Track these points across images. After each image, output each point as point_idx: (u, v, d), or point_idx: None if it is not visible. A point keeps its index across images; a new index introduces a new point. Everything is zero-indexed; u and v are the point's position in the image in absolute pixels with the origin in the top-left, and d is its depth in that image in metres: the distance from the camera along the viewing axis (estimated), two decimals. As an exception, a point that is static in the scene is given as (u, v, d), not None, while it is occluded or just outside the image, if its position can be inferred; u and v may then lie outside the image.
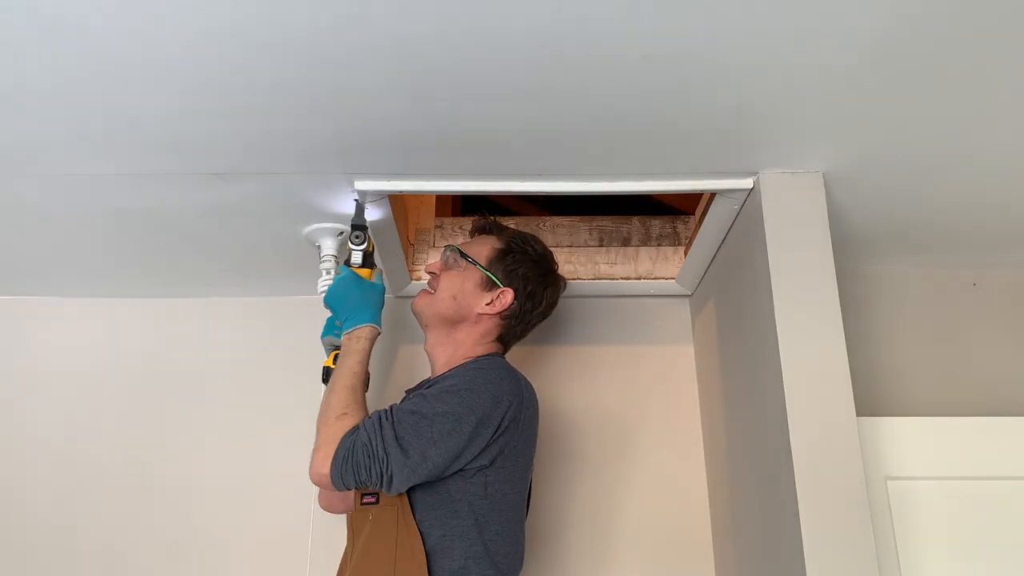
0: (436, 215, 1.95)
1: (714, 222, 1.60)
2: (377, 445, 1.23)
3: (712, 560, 1.72)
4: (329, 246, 1.64)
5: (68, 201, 1.52)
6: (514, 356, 1.54)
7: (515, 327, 1.47)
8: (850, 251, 1.75)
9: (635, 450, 1.82)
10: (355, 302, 1.43)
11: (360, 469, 1.23)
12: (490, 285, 1.44)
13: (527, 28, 1.06)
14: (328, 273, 1.62)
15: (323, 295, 1.60)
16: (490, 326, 1.44)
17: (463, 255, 1.47)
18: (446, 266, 1.48)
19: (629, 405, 1.85)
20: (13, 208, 1.54)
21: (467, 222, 1.94)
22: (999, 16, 1.05)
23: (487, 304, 1.43)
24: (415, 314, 1.49)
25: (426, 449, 1.23)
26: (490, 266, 1.45)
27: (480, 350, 1.43)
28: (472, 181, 1.48)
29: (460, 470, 1.27)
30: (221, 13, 1.02)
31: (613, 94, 1.21)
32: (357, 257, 1.49)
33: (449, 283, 1.46)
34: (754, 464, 1.47)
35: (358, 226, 1.49)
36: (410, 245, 1.87)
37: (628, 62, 1.13)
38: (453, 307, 1.43)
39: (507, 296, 1.43)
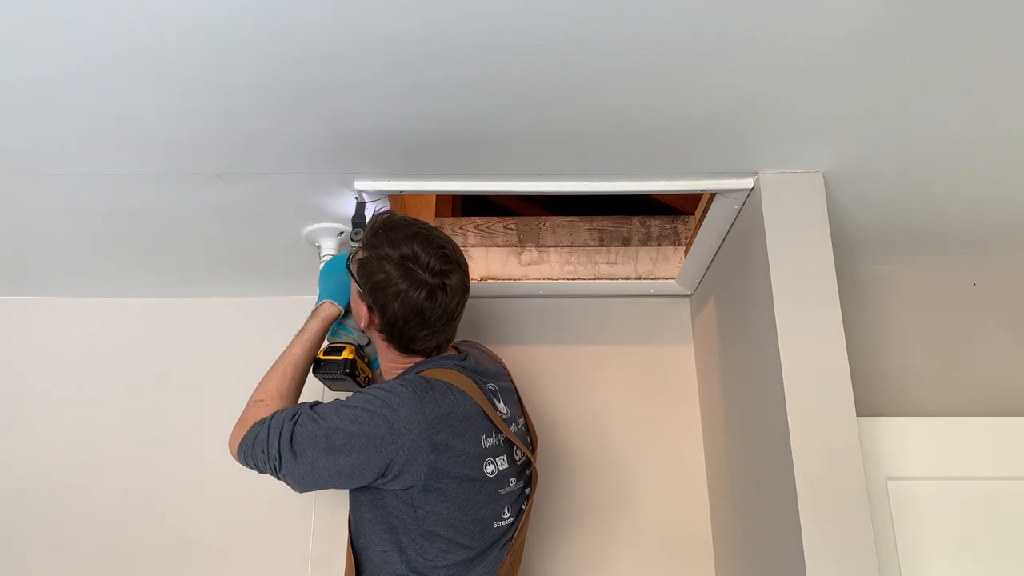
0: (436, 215, 1.95)
1: (714, 222, 1.60)
2: (272, 444, 1.24)
3: (712, 560, 1.72)
4: (329, 246, 1.64)
5: (68, 201, 1.52)
6: (514, 357, 1.53)
7: (401, 339, 1.33)
8: (850, 251, 1.75)
9: (635, 450, 1.82)
10: (325, 281, 1.44)
11: (258, 461, 1.26)
12: (364, 298, 1.34)
13: (526, 27, 1.06)
14: (328, 273, 1.62)
15: None
16: (379, 341, 1.36)
17: (349, 268, 1.37)
18: None
19: (629, 405, 1.85)
20: (13, 208, 1.54)
21: (467, 222, 1.94)
22: (999, 17, 1.05)
23: (365, 317, 1.34)
24: None
25: (317, 459, 1.22)
26: (359, 279, 1.34)
27: (399, 365, 1.37)
28: (472, 181, 1.48)
29: (386, 488, 1.26)
30: (220, 13, 1.02)
31: (613, 94, 1.21)
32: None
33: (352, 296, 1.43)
34: (754, 464, 1.47)
35: (359, 224, 1.48)
36: (410, 245, 1.87)
37: (628, 62, 1.13)
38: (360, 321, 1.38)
39: (372, 311, 1.33)
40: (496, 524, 1.34)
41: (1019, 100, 1.24)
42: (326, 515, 1.78)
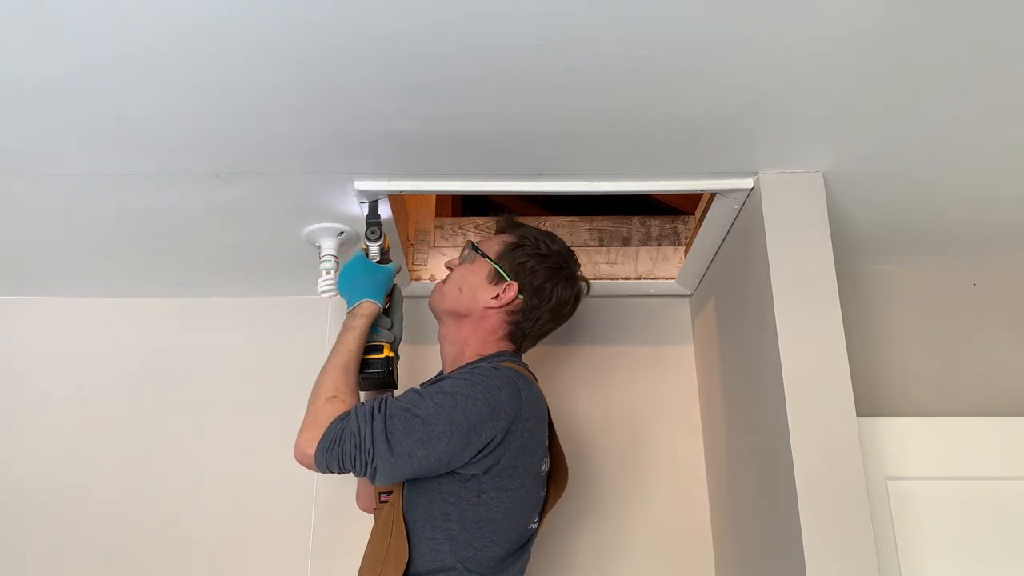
0: (436, 215, 1.95)
1: (714, 222, 1.60)
2: (365, 436, 1.21)
3: (712, 560, 1.72)
4: (329, 246, 1.64)
5: (68, 201, 1.52)
6: (514, 356, 1.52)
7: (523, 324, 1.43)
8: (850, 251, 1.75)
9: (635, 450, 1.82)
10: (357, 281, 1.43)
11: (345, 457, 1.21)
12: (497, 279, 1.41)
13: (526, 27, 1.06)
14: (328, 273, 1.61)
15: (324, 295, 1.60)
16: (496, 322, 1.41)
17: (475, 248, 1.46)
18: (460, 261, 1.48)
19: (629, 405, 1.85)
20: (13, 208, 1.54)
21: (467, 222, 1.94)
22: (999, 17, 1.05)
23: (493, 298, 1.40)
24: (430, 309, 1.49)
25: (413, 449, 1.21)
26: (499, 259, 1.43)
27: (488, 348, 1.41)
28: (472, 181, 1.48)
29: (453, 473, 1.26)
30: (220, 13, 1.02)
31: (613, 94, 1.21)
32: (375, 252, 1.49)
33: (458, 276, 1.45)
34: (754, 464, 1.47)
35: (373, 223, 1.48)
36: (410, 245, 1.87)
37: (628, 62, 1.13)
38: (459, 299, 1.42)
39: (512, 289, 1.40)
40: (530, 526, 1.36)
41: (1019, 100, 1.24)
42: (326, 514, 1.77)
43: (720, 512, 1.69)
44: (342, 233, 1.63)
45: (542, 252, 1.44)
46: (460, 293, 1.42)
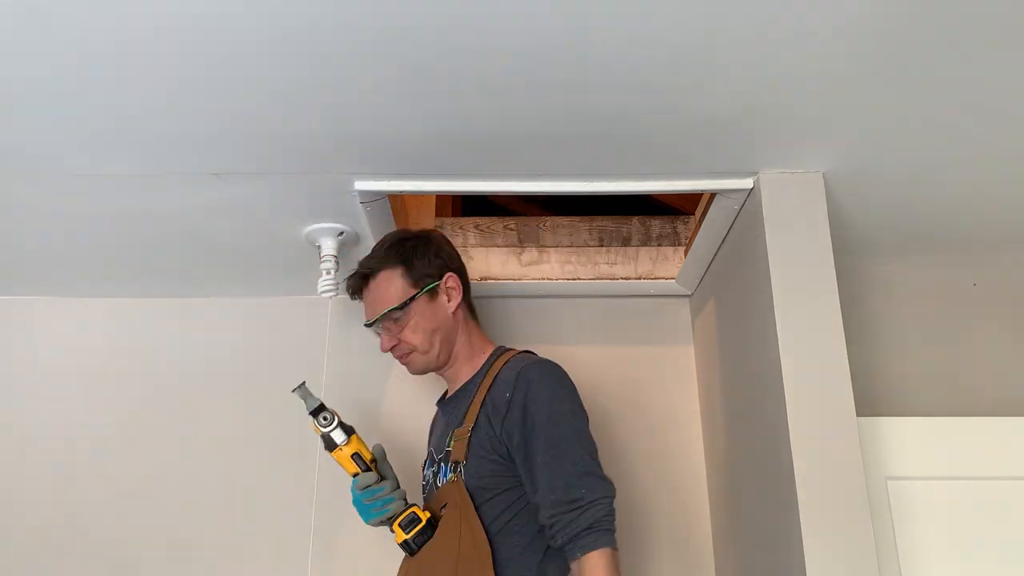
0: (436, 215, 1.95)
1: (714, 222, 1.60)
2: (602, 501, 1.29)
3: (712, 560, 1.72)
4: (329, 246, 1.64)
5: (68, 201, 1.52)
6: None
7: (467, 296, 1.53)
8: (850, 251, 1.74)
9: (635, 450, 1.82)
10: (371, 506, 1.40)
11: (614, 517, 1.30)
12: (433, 292, 1.46)
13: (527, 28, 1.06)
14: (328, 273, 1.62)
15: (324, 295, 1.61)
16: (464, 312, 1.51)
17: (397, 308, 1.43)
18: (399, 328, 1.45)
19: (629, 405, 1.85)
20: (13, 208, 1.54)
21: (467, 222, 1.94)
22: (999, 17, 1.06)
23: (449, 302, 1.47)
24: (419, 374, 1.52)
25: (597, 464, 1.34)
26: (416, 284, 1.44)
27: (475, 332, 1.52)
28: (472, 181, 1.48)
29: (512, 460, 1.33)
30: (220, 13, 1.02)
31: (613, 94, 1.21)
32: (339, 436, 1.40)
33: (414, 331, 1.44)
34: (754, 464, 1.47)
35: (318, 408, 1.41)
36: (410, 245, 1.87)
37: (629, 62, 1.13)
38: (434, 338, 1.45)
39: (452, 279, 1.48)
40: None
41: (1020, 100, 1.24)
42: (326, 514, 1.77)
43: (720, 512, 1.69)
44: (342, 233, 1.63)
45: (411, 243, 1.48)
46: (435, 334, 1.45)
